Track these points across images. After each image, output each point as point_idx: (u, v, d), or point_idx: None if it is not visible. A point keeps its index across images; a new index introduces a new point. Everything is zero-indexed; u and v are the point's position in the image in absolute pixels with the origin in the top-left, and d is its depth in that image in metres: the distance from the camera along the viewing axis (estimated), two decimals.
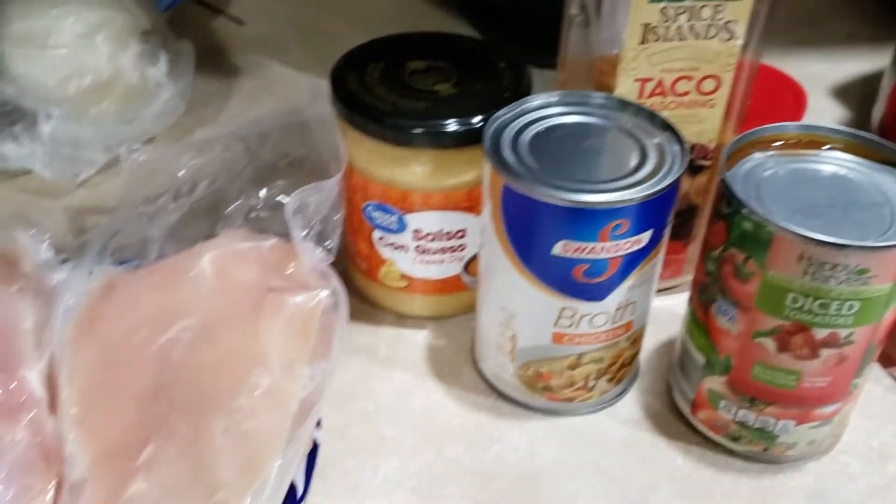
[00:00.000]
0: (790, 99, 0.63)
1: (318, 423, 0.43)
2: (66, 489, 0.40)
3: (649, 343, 0.51)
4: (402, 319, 0.52)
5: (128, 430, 0.39)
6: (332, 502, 0.42)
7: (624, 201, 0.38)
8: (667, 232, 0.42)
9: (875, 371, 0.50)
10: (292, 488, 0.40)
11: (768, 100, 0.62)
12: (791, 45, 0.78)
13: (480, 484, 0.43)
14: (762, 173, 0.40)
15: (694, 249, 0.52)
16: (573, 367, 0.44)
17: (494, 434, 0.46)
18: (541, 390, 0.46)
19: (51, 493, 0.40)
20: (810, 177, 0.40)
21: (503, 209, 0.40)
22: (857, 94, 0.73)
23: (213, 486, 0.36)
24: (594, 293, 0.41)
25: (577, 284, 0.41)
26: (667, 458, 0.45)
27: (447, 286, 0.50)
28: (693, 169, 0.48)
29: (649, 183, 0.39)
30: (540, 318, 0.43)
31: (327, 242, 0.47)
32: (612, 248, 0.39)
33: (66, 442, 0.41)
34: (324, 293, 0.42)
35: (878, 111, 0.61)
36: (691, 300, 0.44)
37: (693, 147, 0.47)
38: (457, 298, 0.51)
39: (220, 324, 0.41)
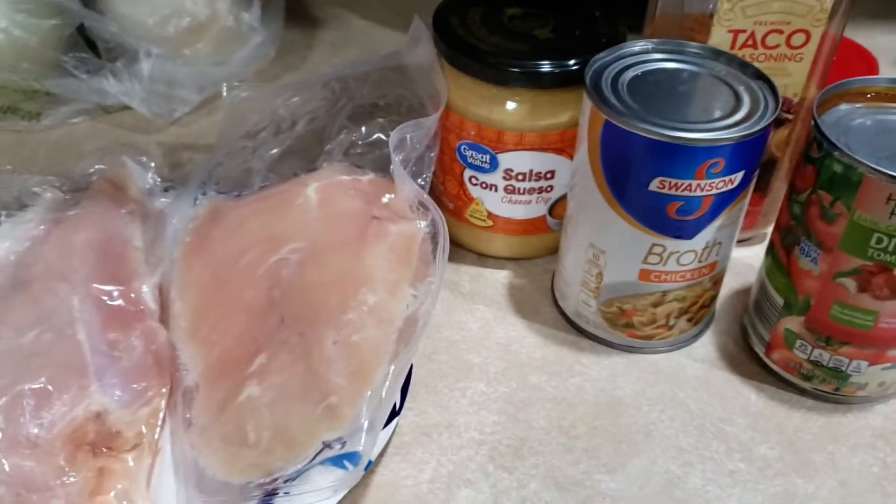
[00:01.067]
0: (864, 67, 0.64)
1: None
2: (178, 394, 0.43)
3: (724, 289, 0.53)
4: (483, 259, 0.55)
5: (240, 341, 0.42)
6: (425, 418, 0.45)
7: (722, 140, 0.40)
8: (755, 176, 0.44)
9: None
10: (393, 404, 0.43)
11: (843, 66, 0.63)
12: (860, 17, 0.79)
13: (563, 409, 0.46)
14: (850, 122, 0.42)
15: (770, 203, 0.53)
16: (656, 304, 0.46)
17: (575, 367, 0.48)
18: (622, 327, 0.48)
19: (164, 398, 0.43)
20: (892, 125, 0.42)
21: (602, 146, 0.43)
22: None
23: (325, 390, 0.39)
24: (685, 231, 0.43)
25: (670, 221, 0.43)
26: (741, 395, 0.47)
27: (531, 227, 0.52)
28: (776, 122, 0.50)
29: (746, 124, 0.41)
30: (629, 255, 0.45)
31: (421, 178, 0.49)
32: (706, 186, 0.41)
33: (178, 351, 0.44)
34: (423, 223, 0.45)
35: None
36: (772, 244, 0.46)
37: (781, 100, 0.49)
38: (539, 240, 0.53)
39: (327, 247, 0.44)
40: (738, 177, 0.42)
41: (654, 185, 0.42)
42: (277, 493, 0.38)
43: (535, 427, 0.45)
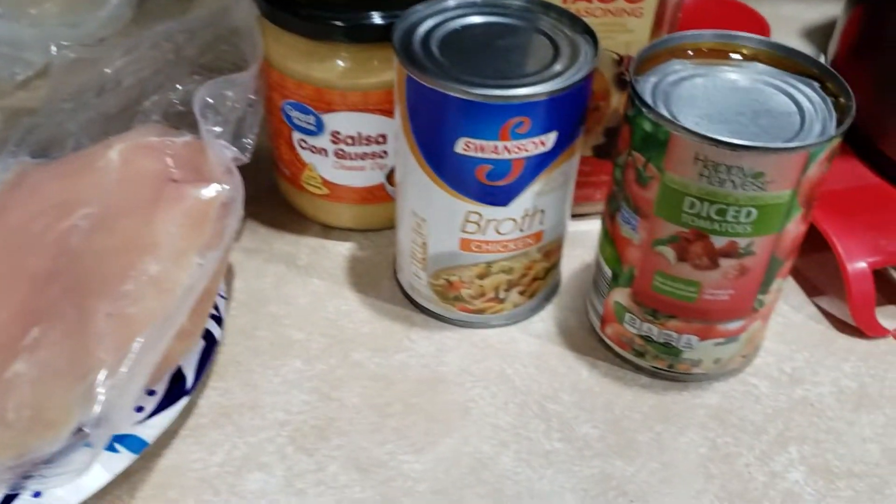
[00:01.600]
0: (755, 30, 0.61)
1: (219, 322, 0.43)
2: None
3: (574, 263, 0.50)
4: (327, 231, 0.52)
5: (18, 313, 0.39)
6: (229, 398, 0.42)
7: (522, 97, 0.37)
8: (577, 138, 0.41)
9: (798, 297, 0.49)
10: (182, 379, 0.40)
11: (728, 27, 0.60)
12: None
13: (381, 387, 0.43)
14: (676, 80, 0.39)
15: None
16: (482, 276, 0.44)
17: (404, 342, 0.45)
18: (452, 301, 0.45)
19: None
20: (725, 86, 0.39)
21: (408, 105, 0.40)
22: (824, 36, 0.71)
23: (88, 366, 0.36)
24: (498, 197, 0.40)
25: (481, 187, 0.40)
26: (572, 371, 0.44)
27: (371, 196, 0.49)
28: (622, 83, 0.47)
29: (554, 81, 0.38)
30: (447, 223, 0.42)
31: (244, 139, 0.46)
32: (513, 147, 0.39)
33: None
34: (224, 187, 0.42)
35: (832, 49, 0.60)
36: (603, 212, 0.43)
37: (622, 59, 0.46)
38: (382, 209, 0.50)
39: (118, 212, 0.41)
40: (550, 138, 0.39)
41: (460, 148, 0.39)
42: (32, 476, 0.35)
43: (346, 406, 0.42)
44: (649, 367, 0.44)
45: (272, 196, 0.53)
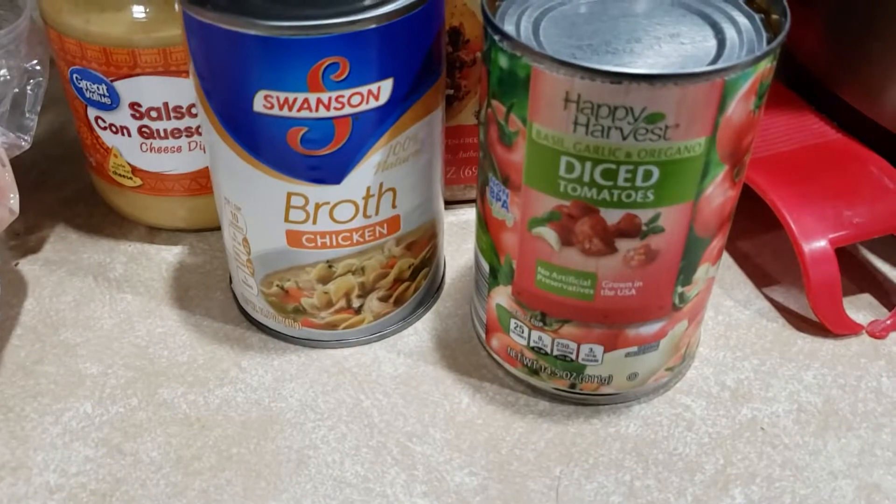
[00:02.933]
0: None
1: None
2: None
3: (463, 259, 0.40)
4: (153, 234, 0.41)
5: None
6: None
7: (332, 27, 0.27)
8: (429, 88, 0.30)
9: (745, 290, 0.39)
10: None
11: None
12: None
13: (192, 433, 0.32)
14: (553, 7, 0.29)
15: None
16: (324, 279, 0.33)
17: (231, 372, 0.35)
18: (293, 314, 0.35)
19: None
20: (617, 9, 0.29)
21: (193, 56, 0.29)
22: None
23: None
24: (325, 171, 0.30)
25: (299, 158, 0.30)
26: (448, 398, 0.34)
27: (196, 185, 0.39)
28: None
29: (385, 6, 0.28)
30: (266, 210, 0.32)
31: (24, 120, 0.36)
32: (331, 101, 0.28)
33: None
34: None
35: None
36: (476, 190, 0.33)
37: None
38: (214, 202, 0.40)
39: None
40: (383, 87, 0.29)
41: (260, 105, 0.28)
42: None
43: (142, 462, 0.31)
44: (547, 389, 0.33)
45: (92, 196, 0.43)
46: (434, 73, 0.31)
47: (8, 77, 0.35)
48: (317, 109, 0.28)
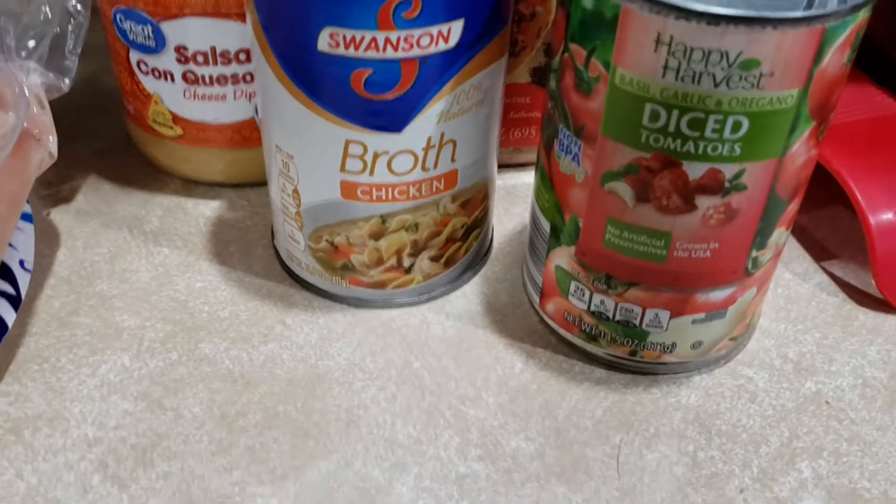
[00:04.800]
0: None
1: (15, 302, 0.31)
2: None
3: (511, 224, 0.39)
4: (190, 187, 0.40)
5: None
6: (23, 407, 0.30)
7: None
8: (497, 33, 0.29)
9: (803, 263, 0.37)
10: None
11: None
12: None
13: (237, 390, 0.31)
14: None
15: None
16: (377, 235, 0.32)
17: (275, 329, 0.34)
18: (341, 271, 0.34)
19: None
20: None
21: None
22: None
23: None
24: (387, 118, 0.29)
25: (361, 102, 0.28)
26: (501, 363, 0.32)
27: (239, 136, 0.37)
28: None
29: None
30: (321, 159, 0.30)
31: (65, 63, 0.34)
32: (400, 41, 0.27)
33: None
34: (10, 116, 0.30)
35: None
36: (538, 143, 0.32)
37: None
38: (256, 155, 0.38)
39: None
40: (453, 28, 0.27)
41: (325, 44, 0.27)
42: None
43: (184, 417, 0.30)
44: (605, 356, 0.32)
45: (128, 148, 0.41)
46: (503, 18, 0.29)
47: (49, 16, 0.34)
48: (384, 50, 0.27)
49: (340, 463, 0.29)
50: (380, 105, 0.28)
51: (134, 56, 0.35)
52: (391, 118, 0.29)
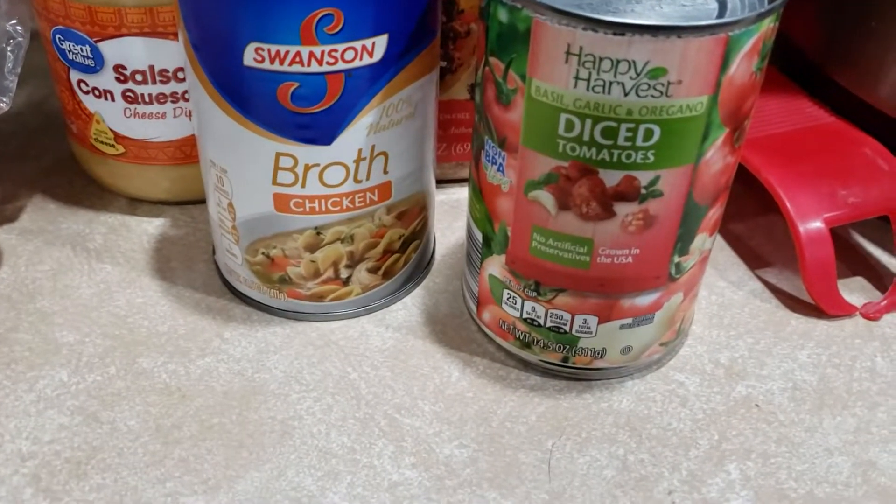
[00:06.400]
0: None
1: None
2: None
3: (454, 236, 0.39)
4: (135, 205, 0.40)
5: None
6: None
7: None
8: (425, 47, 0.30)
9: (738, 271, 0.38)
10: None
11: None
12: None
13: (173, 403, 0.31)
14: None
15: None
16: (312, 247, 0.32)
17: (213, 343, 0.34)
18: (278, 284, 0.34)
19: None
20: None
21: (183, 6, 0.28)
22: None
23: None
24: (315, 131, 0.29)
25: (289, 115, 0.29)
26: (438, 372, 0.33)
27: (180, 153, 0.38)
28: None
29: None
30: (253, 172, 0.31)
31: (4, 83, 0.35)
32: (324, 55, 0.27)
33: None
34: None
35: None
36: (471, 157, 0.32)
37: None
38: (199, 172, 0.38)
39: None
40: (377, 43, 0.28)
41: (251, 58, 0.28)
42: None
43: (119, 430, 0.30)
44: (539, 363, 0.33)
45: (72, 167, 0.42)
46: (430, 32, 0.30)
47: None
48: (309, 64, 0.28)
49: (273, 473, 0.29)
50: (308, 118, 0.29)
51: (74, 76, 0.36)
52: (320, 131, 0.29)
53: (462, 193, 0.42)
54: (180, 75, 0.35)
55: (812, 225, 0.36)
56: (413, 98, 0.31)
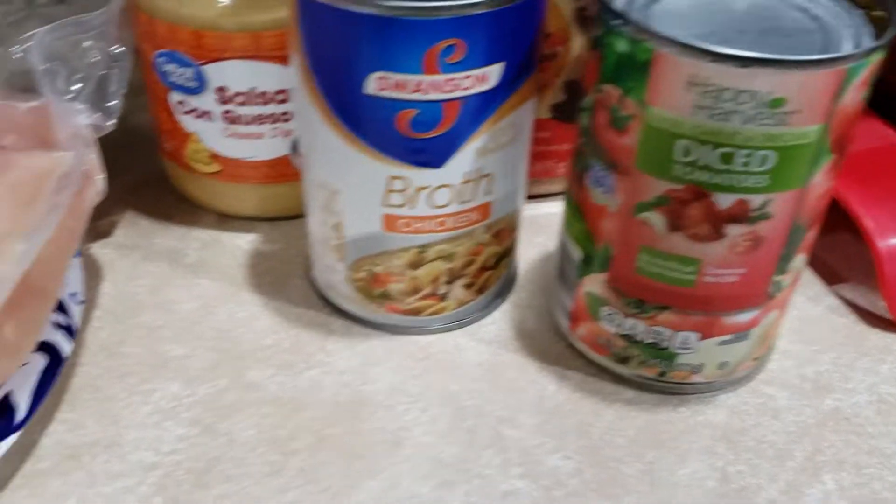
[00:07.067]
0: None
1: (71, 332, 0.33)
2: None
3: (533, 253, 0.41)
4: (225, 221, 0.41)
5: None
6: (80, 434, 0.31)
7: (454, 9, 0.27)
8: (530, 75, 0.31)
9: (815, 287, 0.39)
10: (9, 410, 0.29)
11: None
12: None
13: (285, 414, 0.32)
14: (657, 2, 0.30)
15: None
16: (415, 265, 0.34)
17: (317, 356, 0.35)
18: (379, 299, 0.35)
19: None
20: (721, 7, 0.29)
21: (303, 35, 0.30)
22: None
23: None
24: (428, 155, 0.30)
25: (405, 141, 0.30)
26: (535, 385, 0.34)
27: (274, 172, 0.39)
28: (586, 21, 0.38)
29: None
30: (365, 194, 0.32)
31: (108, 105, 0.36)
32: (444, 83, 0.29)
33: None
34: (68, 156, 0.31)
35: None
36: (568, 177, 0.33)
37: None
38: (291, 190, 0.40)
39: None
40: (493, 71, 0.29)
41: (373, 87, 0.29)
42: None
43: (237, 441, 0.31)
44: (634, 377, 0.34)
45: (161, 183, 0.43)
46: (536, 60, 0.31)
47: (95, 58, 0.35)
48: (429, 92, 0.29)
49: (389, 482, 0.30)
50: (422, 143, 0.30)
51: (174, 97, 0.37)
52: (433, 155, 0.30)
53: (540, 209, 0.43)
54: (279, 97, 0.36)
55: (891, 241, 0.37)
56: (517, 122, 0.32)
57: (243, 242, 0.40)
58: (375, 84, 0.29)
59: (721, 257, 0.29)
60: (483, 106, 0.30)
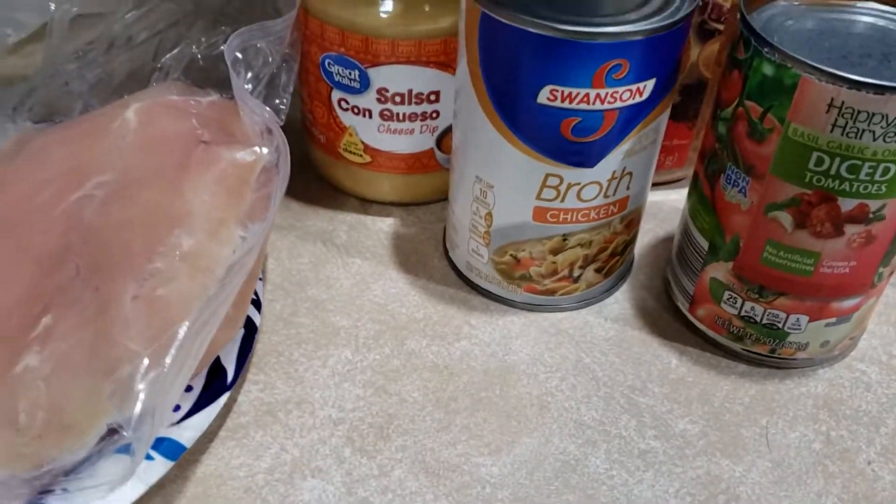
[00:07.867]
0: None
1: (258, 307, 0.37)
2: None
3: (646, 238, 0.45)
4: (366, 205, 0.46)
5: (25, 299, 0.33)
6: (272, 393, 0.36)
7: (624, 35, 0.32)
8: (671, 88, 0.35)
9: None
10: (222, 372, 0.34)
11: None
12: None
13: (444, 379, 0.37)
14: (785, 22, 0.34)
15: (701, 135, 0.45)
16: (556, 251, 0.38)
17: (463, 328, 0.40)
18: (518, 280, 0.40)
19: None
20: (842, 28, 0.34)
21: (481, 49, 0.34)
22: None
23: (115, 359, 0.30)
24: (584, 156, 0.35)
25: (566, 144, 0.35)
26: (659, 359, 0.39)
27: (418, 164, 0.44)
28: (704, 34, 0.42)
29: (656, 18, 0.33)
30: (520, 189, 0.37)
31: (278, 101, 0.40)
32: (608, 96, 0.33)
33: None
34: (264, 149, 0.36)
35: None
36: (696, 176, 0.38)
37: (706, 4, 0.41)
38: (429, 180, 0.44)
39: (139, 179, 0.35)
40: (647, 86, 0.34)
41: (545, 97, 0.33)
42: (53, 490, 0.29)
43: (407, 401, 0.36)
44: (747, 353, 0.39)
45: (302, 168, 0.48)
46: (679, 73, 0.36)
47: (270, 59, 0.40)
48: (593, 103, 0.33)
49: (542, 439, 0.35)
50: (581, 146, 0.35)
51: (336, 95, 0.42)
52: (588, 156, 0.35)
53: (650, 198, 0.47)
54: (431, 98, 0.41)
55: None
56: (657, 127, 0.36)
57: (384, 226, 0.45)
58: (548, 96, 0.33)
59: (838, 251, 0.34)
60: (635, 115, 0.34)
